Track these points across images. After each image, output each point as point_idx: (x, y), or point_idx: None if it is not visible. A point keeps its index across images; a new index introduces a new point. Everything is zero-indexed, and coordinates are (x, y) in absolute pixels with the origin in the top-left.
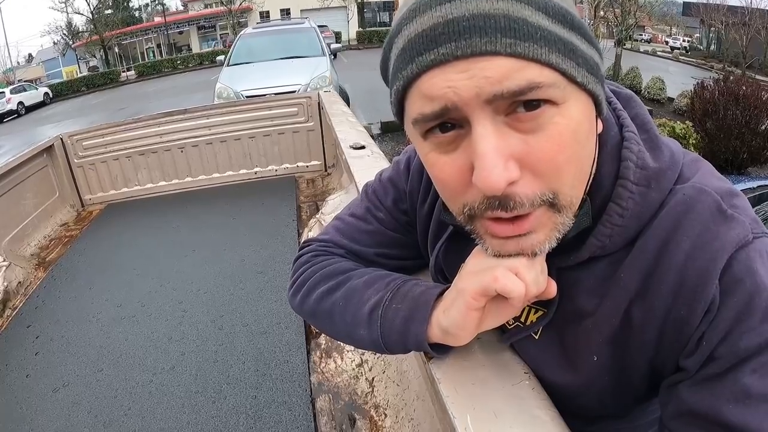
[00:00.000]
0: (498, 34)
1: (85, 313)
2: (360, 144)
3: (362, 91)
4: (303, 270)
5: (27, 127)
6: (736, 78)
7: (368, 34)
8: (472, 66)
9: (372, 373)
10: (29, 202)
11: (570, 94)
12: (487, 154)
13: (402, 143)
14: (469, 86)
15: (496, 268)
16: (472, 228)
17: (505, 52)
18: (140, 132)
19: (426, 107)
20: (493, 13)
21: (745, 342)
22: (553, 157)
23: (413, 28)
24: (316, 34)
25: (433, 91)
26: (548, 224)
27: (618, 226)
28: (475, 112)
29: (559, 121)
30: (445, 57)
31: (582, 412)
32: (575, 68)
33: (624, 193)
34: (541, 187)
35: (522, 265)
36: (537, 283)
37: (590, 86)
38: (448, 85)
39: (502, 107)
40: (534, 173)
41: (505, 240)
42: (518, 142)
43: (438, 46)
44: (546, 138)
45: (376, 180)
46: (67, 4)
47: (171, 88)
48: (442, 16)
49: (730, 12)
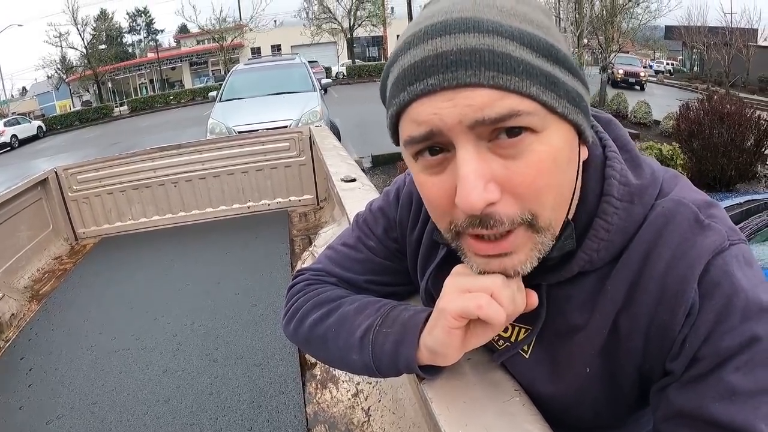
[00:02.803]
0: (482, 68)
1: (78, 345)
2: (351, 177)
3: (353, 125)
4: (296, 298)
5: (20, 160)
6: (720, 97)
7: (358, 69)
8: (457, 95)
9: (368, 403)
10: (23, 235)
11: (550, 123)
12: (468, 176)
13: (392, 176)
14: (453, 113)
15: (480, 297)
16: (458, 244)
17: (488, 84)
18: (134, 166)
19: (415, 131)
20: (479, 48)
21: (727, 342)
22: (532, 182)
23: (407, 59)
24: (306, 69)
25: (420, 117)
26: (528, 244)
27: (604, 240)
28: (459, 137)
29: (538, 148)
30: (433, 87)
31: (577, 424)
32: (556, 99)
33: (609, 209)
34: (521, 208)
35: (497, 286)
36: (514, 302)
37: (571, 116)
38: (434, 112)
39: (484, 133)
40: (514, 196)
41: (488, 259)
42: (499, 167)
43: (427, 77)
44: (525, 164)
45: (367, 210)
46: (61, 39)
47: (164, 123)
48: (432, 49)
49: (711, 33)
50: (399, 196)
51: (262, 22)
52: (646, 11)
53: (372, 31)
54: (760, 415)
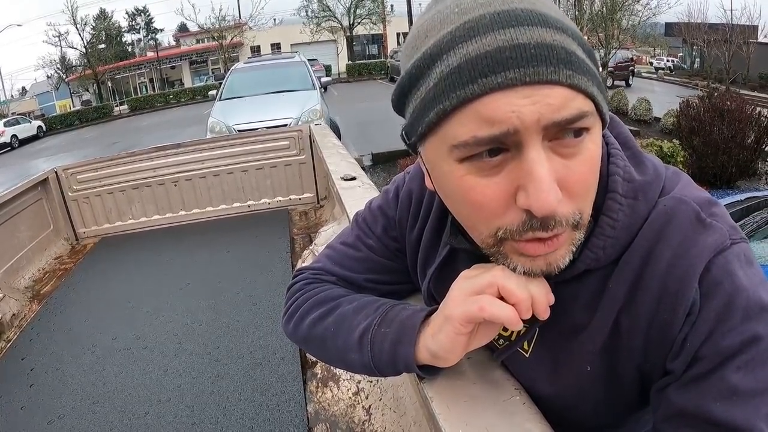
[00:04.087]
0: (561, 65)
1: (79, 345)
2: (351, 175)
3: (353, 123)
4: (296, 297)
5: (20, 160)
6: (720, 94)
7: (357, 67)
8: (536, 92)
9: (369, 401)
10: (23, 235)
11: (596, 122)
12: (544, 177)
13: (393, 174)
14: (532, 111)
15: (481, 299)
16: (498, 250)
17: (566, 83)
18: (134, 166)
19: (483, 130)
20: (554, 45)
21: (728, 341)
22: (587, 179)
23: (473, 47)
24: (306, 67)
25: (496, 114)
26: (568, 240)
27: (610, 237)
28: (532, 137)
29: (591, 147)
30: (513, 81)
31: (578, 423)
32: (604, 100)
33: (614, 206)
34: (573, 207)
35: (500, 278)
36: (526, 287)
37: (608, 116)
38: (512, 109)
39: (550, 134)
40: (570, 195)
41: (533, 258)
42: (561, 167)
43: (505, 70)
44: (582, 162)
45: (366, 209)
46: (60, 38)
47: (164, 123)
48: (507, 40)
49: (711, 30)
50: (398, 194)
51: (262, 20)
52: (646, 8)
53: (372, 29)
54: (761, 415)
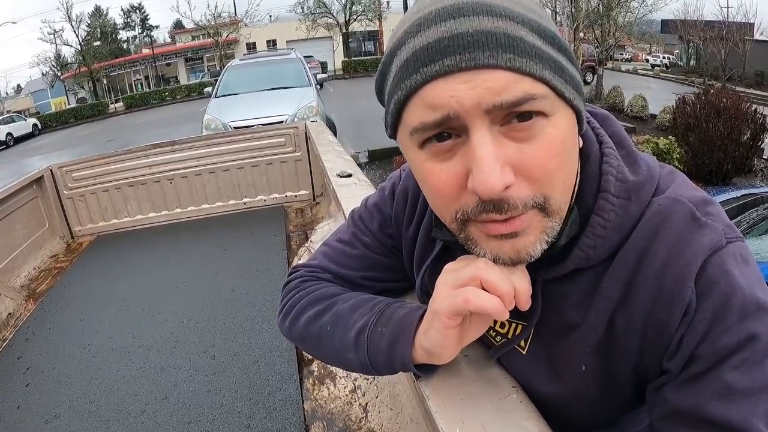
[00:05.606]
0: (499, 49)
1: (75, 344)
2: (347, 172)
3: (349, 120)
4: (291, 295)
5: (16, 158)
6: (716, 91)
7: (354, 64)
8: (475, 77)
9: (365, 399)
10: (19, 234)
11: (558, 107)
12: (486, 159)
13: (389, 170)
14: (471, 96)
15: (465, 291)
16: (465, 234)
17: (505, 66)
18: (129, 163)
19: (428, 116)
20: (494, 31)
21: (724, 340)
22: (545, 164)
23: (418, 41)
24: (302, 64)
25: (436, 100)
26: (538, 227)
27: (601, 237)
28: (475, 121)
29: (550, 131)
30: (450, 68)
31: (574, 421)
32: (563, 84)
33: (606, 206)
34: (534, 191)
35: (482, 270)
36: (508, 280)
37: (575, 102)
38: (451, 94)
39: (498, 117)
40: (527, 178)
41: (501, 242)
42: (513, 150)
43: (443, 58)
44: (538, 146)
45: (362, 206)
46: (55, 36)
47: (159, 120)
48: (446, 30)
49: (707, 27)
50: (394, 191)
51: (257, 17)
52: (642, 5)
53: (367, 26)
54: (757, 414)
